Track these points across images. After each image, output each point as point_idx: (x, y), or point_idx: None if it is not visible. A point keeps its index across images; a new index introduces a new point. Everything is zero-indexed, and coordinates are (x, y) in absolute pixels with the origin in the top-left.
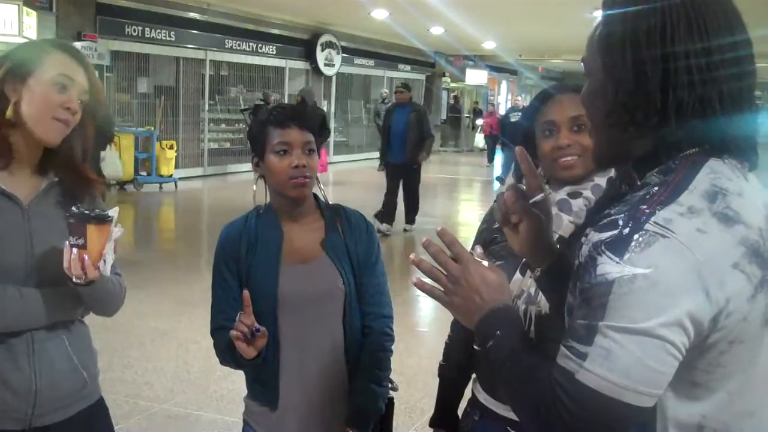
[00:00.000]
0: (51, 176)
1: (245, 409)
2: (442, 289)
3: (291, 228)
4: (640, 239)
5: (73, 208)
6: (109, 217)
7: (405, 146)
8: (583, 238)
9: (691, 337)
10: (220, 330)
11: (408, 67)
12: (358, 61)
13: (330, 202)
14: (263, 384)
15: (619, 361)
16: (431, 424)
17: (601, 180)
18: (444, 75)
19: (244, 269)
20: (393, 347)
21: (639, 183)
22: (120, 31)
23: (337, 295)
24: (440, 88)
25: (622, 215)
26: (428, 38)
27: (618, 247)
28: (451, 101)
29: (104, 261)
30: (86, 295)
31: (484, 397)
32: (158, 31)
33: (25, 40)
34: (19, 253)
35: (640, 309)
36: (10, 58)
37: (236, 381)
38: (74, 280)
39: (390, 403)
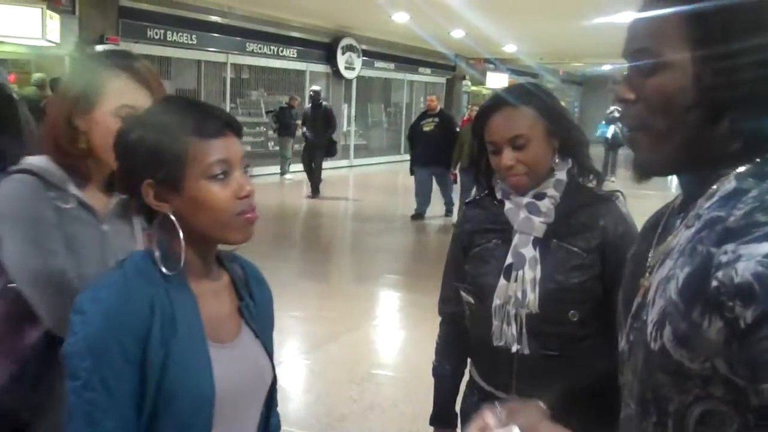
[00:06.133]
0: (117, 194)
1: None
2: None
3: (199, 290)
4: None
5: None
6: None
7: None
8: (723, 257)
9: None
10: None
11: (428, 70)
12: (378, 64)
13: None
14: None
15: None
16: (431, 423)
17: (561, 174)
18: (464, 78)
19: (157, 356)
20: None
21: (714, 187)
22: (142, 35)
23: (266, 381)
24: (461, 91)
25: None
26: (449, 41)
27: None
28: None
29: None
30: None
31: (481, 381)
32: (180, 34)
33: (75, 58)
34: (95, 268)
35: None
36: (74, 89)
37: None
38: None
39: None
